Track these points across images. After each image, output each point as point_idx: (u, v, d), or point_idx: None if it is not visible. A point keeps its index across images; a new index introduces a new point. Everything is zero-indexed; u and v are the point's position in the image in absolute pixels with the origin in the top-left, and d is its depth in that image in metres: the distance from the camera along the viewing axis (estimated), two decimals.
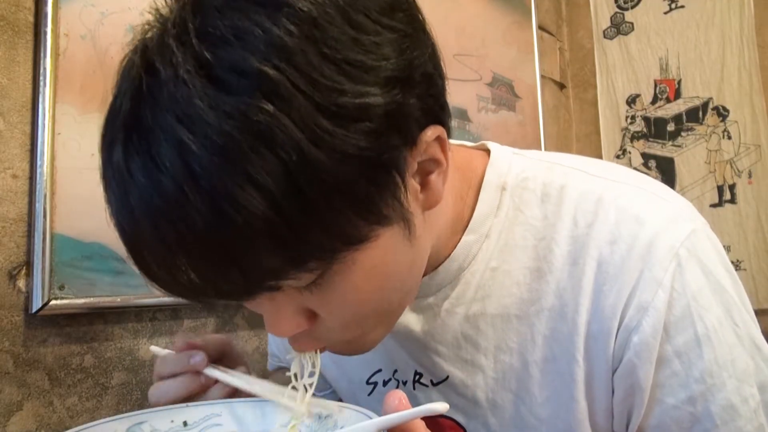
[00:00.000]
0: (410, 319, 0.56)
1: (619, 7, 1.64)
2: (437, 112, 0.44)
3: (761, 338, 0.50)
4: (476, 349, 0.54)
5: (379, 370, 0.62)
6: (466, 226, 0.53)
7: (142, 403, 0.83)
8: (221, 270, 0.37)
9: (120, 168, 0.37)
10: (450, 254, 0.53)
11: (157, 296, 0.85)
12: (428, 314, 0.55)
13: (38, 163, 0.75)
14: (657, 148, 1.58)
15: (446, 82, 0.45)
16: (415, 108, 0.41)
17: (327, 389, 0.77)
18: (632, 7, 1.62)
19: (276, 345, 0.78)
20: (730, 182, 1.46)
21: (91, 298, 0.78)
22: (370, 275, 0.42)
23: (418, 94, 0.41)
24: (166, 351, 0.56)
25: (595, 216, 0.50)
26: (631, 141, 1.61)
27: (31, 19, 0.76)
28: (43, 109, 0.75)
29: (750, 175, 1.44)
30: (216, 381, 0.54)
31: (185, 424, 0.64)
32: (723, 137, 1.48)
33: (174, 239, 0.36)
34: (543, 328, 0.51)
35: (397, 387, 0.60)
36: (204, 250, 0.36)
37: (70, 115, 0.78)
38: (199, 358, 0.53)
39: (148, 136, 0.36)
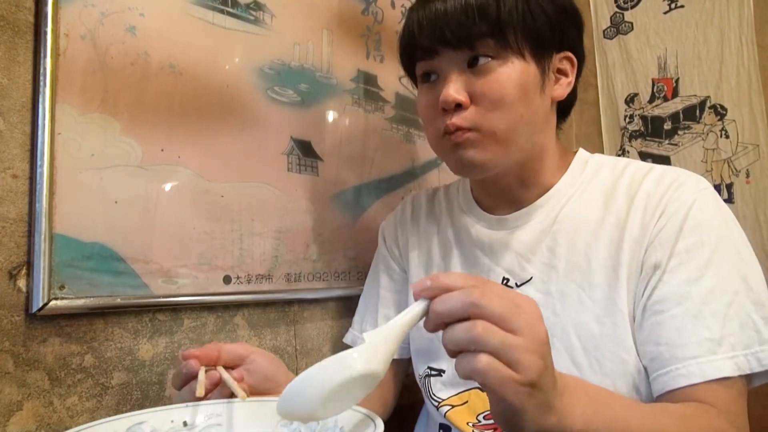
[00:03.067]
0: (511, 238, 0.81)
1: (618, 7, 1.64)
2: (577, 48, 0.78)
3: (754, 272, 0.69)
4: (553, 255, 0.77)
5: None
6: (560, 180, 0.81)
7: (142, 403, 0.84)
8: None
9: None
10: (544, 194, 0.80)
11: (157, 296, 0.85)
12: (525, 232, 0.80)
13: (38, 163, 0.75)
14: (654, 147, 1.58)
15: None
16: (569, 30, 0.76)
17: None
18: (632, 7, 1.62)
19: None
20: (728, 181, 1.47)
21: (91, 298, 0.78)
22: (514, 78, 0.71)
23: (570, 26, 0.77)
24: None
25: (646, 175, 0.76)
26: (629, 140, 1.61)
27: (31, 19, 0.76)
28: (43, 109, 0.75)
29: (748, 175, 1.44)
30: (219, 382, 0.69)
31: (185, 424, 0.64)
32: (721, 136, 1.48)
33: None
34: (605, 235, 0.74)
35: None
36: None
37: (70, 115, 0.77)
38: (190, 364, 0.68)
39: None
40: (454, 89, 0.71)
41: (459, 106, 0.72)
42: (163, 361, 0.87)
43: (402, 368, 0.99)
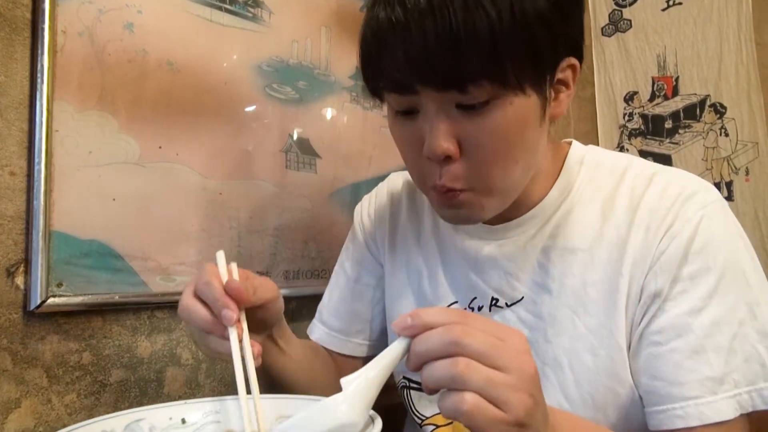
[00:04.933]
0: (499, 252, 0.72)
1: (617, 4, 1.64)
2: (578, 48, 0.63)
3: (762, 298, 0.63)
4: (546, 274, 0.70)
5: (455, 302, 0.76)
6: (552, 187, 0.71)
7: (140, 400, 0.83)
8: (462, 54, 0.54)
9: None
10: (536, 204, 0.71)
11: (155, 294, 0.85)
12: (514, 247, 0.72)
13: (36, 160, 0.75)
14: (654, 146, 1.58)
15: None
16: (571, 31, 0.61)
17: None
18: (630, 4, 1.62)
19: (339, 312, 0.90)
20: (727, 180, 1.46)
21: (89, 296, 0.78)
22: (514, 122, 0.58)
23: (572, 27, 0.61)
24: (223, 268, 0.62)
25: (649, 184, 0.68)
26: (629, 138, 1.61)
27: (28, 15, 0.76)
28: (41, 106, 0.75)
29: (747, 173, 1.44)
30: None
31: (183, 421, 0.64)
32: (720, 134, 1.47)
33: (433, 30, 0.53)
34: (602, 255, 0.67)
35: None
36: (453, 38, 0.53)
37: (68, 112, 0.77)
38: (229, 314, 0.58)
39: None
40: (443, 137, 0.58)
41: (448, 158, 0.60)
42: (162, 358, 0.87)
43: None
